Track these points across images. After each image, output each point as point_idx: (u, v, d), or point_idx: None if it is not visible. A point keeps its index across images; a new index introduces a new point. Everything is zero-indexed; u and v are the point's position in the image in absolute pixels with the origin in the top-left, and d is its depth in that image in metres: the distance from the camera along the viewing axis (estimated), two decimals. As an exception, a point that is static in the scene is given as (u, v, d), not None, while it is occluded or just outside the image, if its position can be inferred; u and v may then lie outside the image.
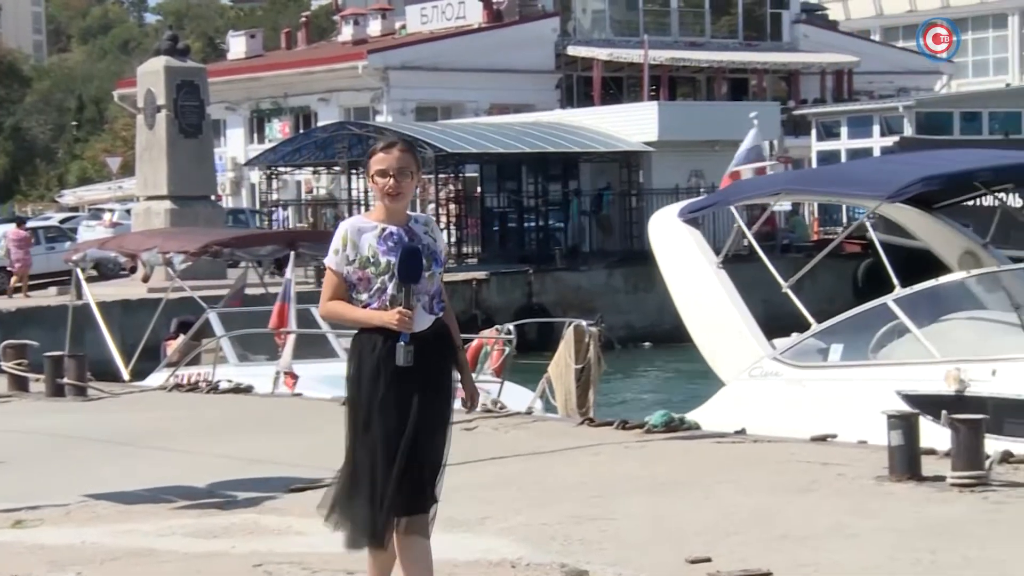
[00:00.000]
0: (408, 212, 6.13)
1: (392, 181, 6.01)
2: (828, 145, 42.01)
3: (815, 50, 53.74)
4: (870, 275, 31.89)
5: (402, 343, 5.87)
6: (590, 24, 52.50)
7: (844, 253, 32.41)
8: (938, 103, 44.05)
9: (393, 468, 5.83)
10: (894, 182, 11.94)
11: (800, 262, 16.95)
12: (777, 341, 12.25)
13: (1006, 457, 8.81)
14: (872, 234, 12.38)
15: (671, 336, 25.97)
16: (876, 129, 40.97)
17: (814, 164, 41.36)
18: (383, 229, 6.02)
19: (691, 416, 11.60)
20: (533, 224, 38.98)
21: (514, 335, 16.10)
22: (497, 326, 17.71)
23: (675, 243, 13.32)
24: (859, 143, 40.83)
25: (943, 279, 11.70)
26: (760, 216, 16.29)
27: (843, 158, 40.25)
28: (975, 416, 8.48)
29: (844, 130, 42.08)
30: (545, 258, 36.37)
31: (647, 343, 32.97)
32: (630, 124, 40.04)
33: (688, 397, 14.20)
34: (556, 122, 41.52)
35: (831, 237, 34.53)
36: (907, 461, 8.53)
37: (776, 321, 13.11)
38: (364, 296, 5.99)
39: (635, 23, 52.25)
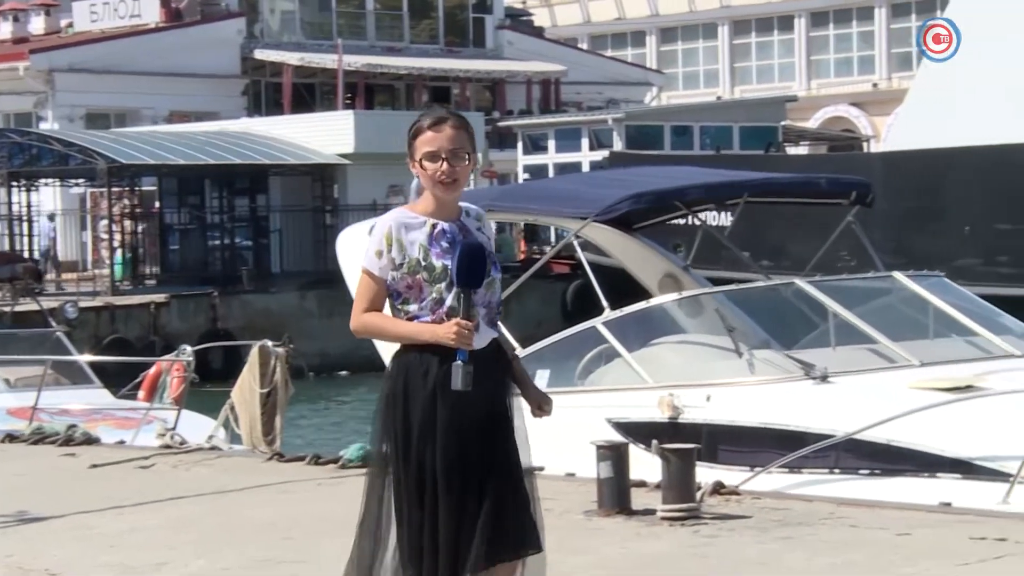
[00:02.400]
0: (460, 203, 5.44)
1: (445, 166, 5.29)
2: (535, 159, 42.70)
3: (521, 58, 54.65)
4: (579, 297, 32.54)
5: (460, 362, 5.18)
6: (279, 26, 52.27)
7: (552, 274, 33.00)
8: (648, 116, 45.28)
9: (463, 518, 5.20)
10: (602, 200, 12.18)
11: (507, 283, 17.10)
12: None
13: (717, 488, 9.07)
14: (580, 254, 12.59)
15: (370, 364, 25.96)
16: (585, 143, 41.86)
17: (520, 178, 41.99)
18: (434, 225, 5.32)
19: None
20: (218, 242, 38.55)
21: (193, 359, 15.92)
22: (178, 349, 17.48)
23: None
24: (567, 157, 41.62)
25: (654, 301, 11.96)
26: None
27: (551, 172, 40.95)
28: (686, 446, 8.70)
29: (552, 143, 42.85)
30: (231, 279, 36.00)
31: (344, 371, 32.93)
32: (324, 135, 39.97)
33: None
34: (243, 131, 41.16)
35: (539, 257, 35.13)
36: (616, 494, 8.70)
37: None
38: (413, 308, 5.30)
39: (328, 26, 52.25)
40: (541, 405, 5.55)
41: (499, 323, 5.46)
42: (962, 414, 9.45)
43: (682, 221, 14.34)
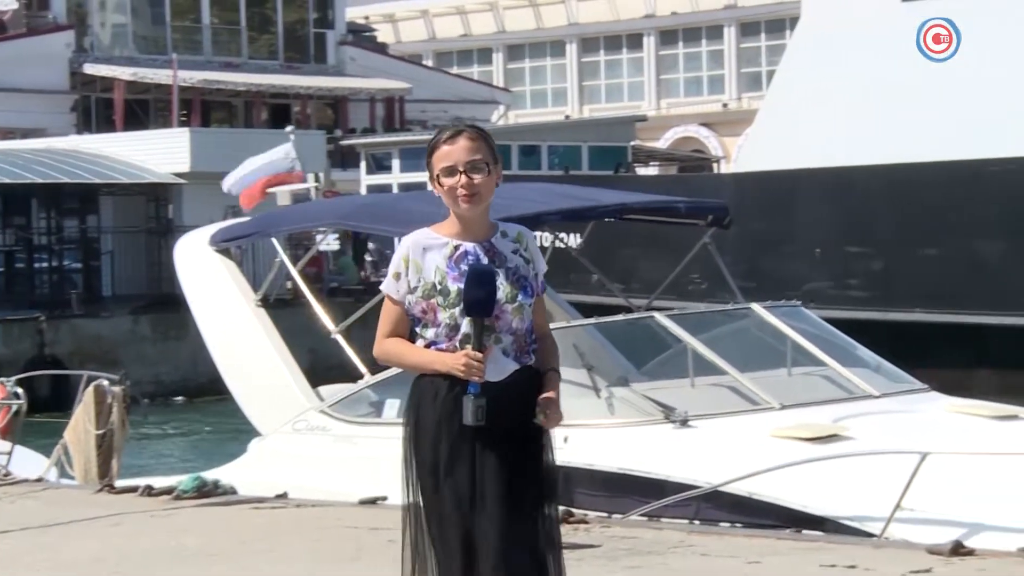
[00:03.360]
0: (495, 222, 5.27)
1: (464, 179, 5.13)
2: (379, 179, 42.69)
3: (364, 75, 54.58)
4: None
5: (471, 394, 5.01)
6: (110, 40, 51.66)
7: (396, 298, 32.95)
8: (495, 135, 44.94)
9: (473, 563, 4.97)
10: None
11: (349, 306, 17.09)
12: (325, 389, 12.27)
13: (565, 517, 9.10)
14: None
15: (207, 389, 25.76)
16: (430, 162, 41.90)
17: (363, 199, 41.92)
18: (455, 247, 5.15)
19: (225, 472, 11.51)
20: (46, 264, 37.98)
21: (23, 393, 15.60)
22: (2, 379, 17.11)
23: (206, 274, 13.13)
24: (412, 177, 41.59)
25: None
26: (305, 253, 16.33)
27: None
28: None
29: (396, 162, 42.86)
30: (59, 303, 35.48)
31: (179, 397, 32.61)
32: (158, 153, 39.60)
33: (226, 456, 14.10)
34: (72, 149, 40.61)
35: (382, 280, 35.06)
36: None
37: (325, 374, 13.15)
38: (430, 333, 5.16)
39: (162, 40, 51.75)
40: (547, 412, 5.21)
41: (532, 353, 5.21)
42: (826, 468, 9.50)
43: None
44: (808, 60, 27.91)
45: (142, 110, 50.97)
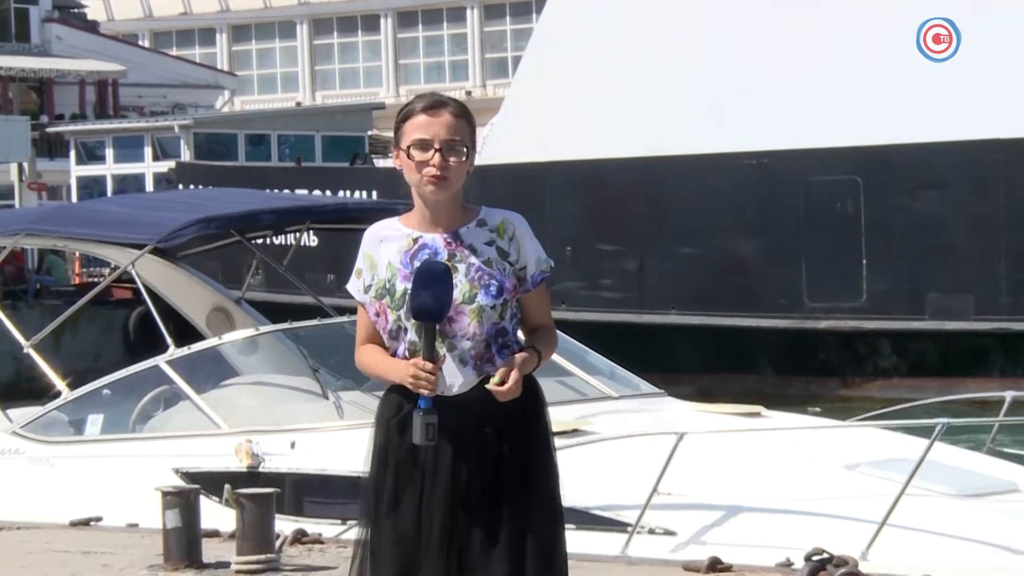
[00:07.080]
0: (471, 207, 4.91)
1: (438, 157, 4.77)
2: (91, 169, 42.04)
3: (72, 55, 53.68)
4: (145, 326, 32.07)
5: (420, 408, 4.71)
6: None
7: (113, 300, 32.47)
8: (220, 123, 45.11)
9: None
10: (163, 224, 12.08)
11: (59, 310, 16.88)
12: (17, 411, 12.08)
13: (298, 537, 9.11)
14: (139, 281, 12.46)
15: None
16: (148, 152, 41.43)
17: (74, 191, 41.25)
18: (414, 240, 4.83)
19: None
20: None
21: None
22: None
23: None
24: (128, 168, 41.12)
25: (227, 338, 11.93)
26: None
27: (109, 185, 40.39)
28: (263, 491, 8.71)
29: (109, 152, 42.25)
30: None
31: None
32: None
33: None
34: None
35: (96, 281, 34.54)
36: (185, 546, 8.64)
37: (31, 384, 12.92)
38: (386, 338, 4.85)
39: None
40: (504, 381, 4.82)
41: (502, 357, 4.88)
42: (572, 460, 9.64)
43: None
44: (557, 45, 28.20)
45: None
